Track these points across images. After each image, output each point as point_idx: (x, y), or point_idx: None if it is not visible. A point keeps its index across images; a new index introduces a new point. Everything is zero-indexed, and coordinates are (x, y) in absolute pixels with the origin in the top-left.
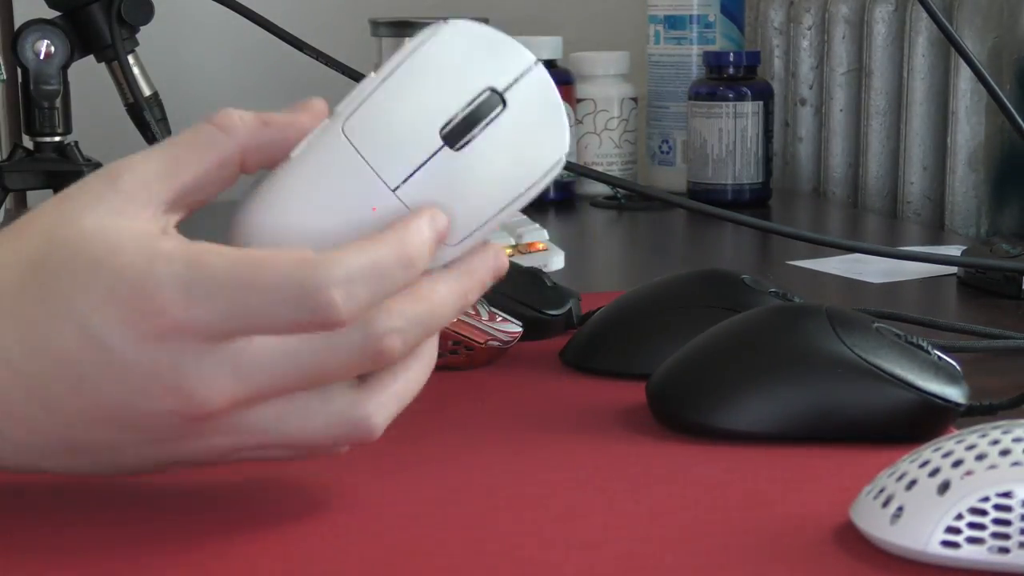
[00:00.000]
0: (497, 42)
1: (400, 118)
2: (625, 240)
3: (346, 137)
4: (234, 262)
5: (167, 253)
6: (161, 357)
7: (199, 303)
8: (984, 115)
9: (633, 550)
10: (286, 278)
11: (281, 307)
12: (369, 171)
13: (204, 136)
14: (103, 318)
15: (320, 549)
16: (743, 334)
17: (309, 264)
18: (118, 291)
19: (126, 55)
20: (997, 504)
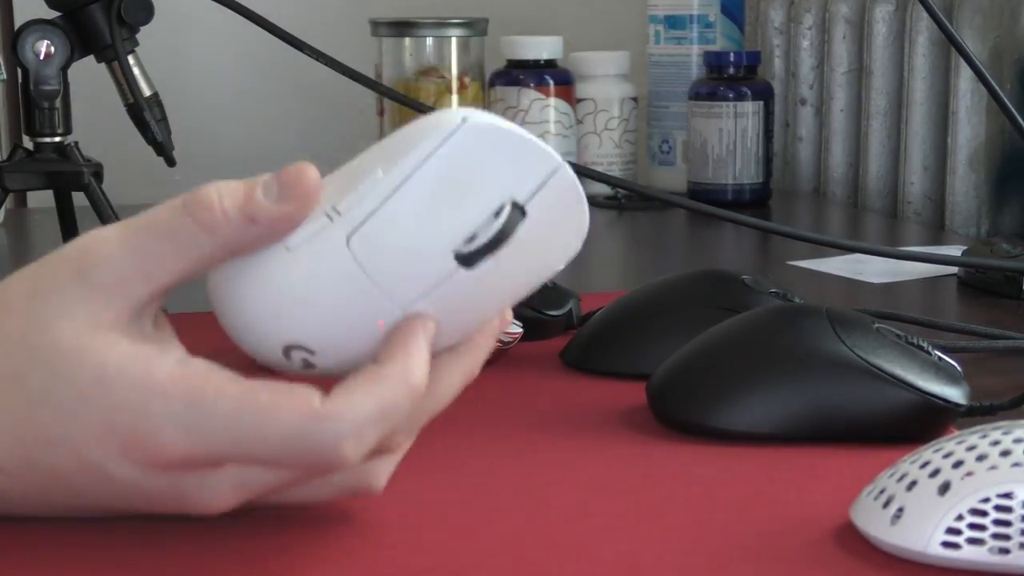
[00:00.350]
0: (519, 143)
1: (410, 239)
2: (625, 240)
3: (352, 253)
4: (238, 408)
5: (163, 390)
6: (163, 482)
7: (201, 443)
8: (985, 115)
9: (633, 550)
10: (293, 435)
11: (290, 459)
12: (377, 291)
13: (187, 237)
14: (101, 449)
15: (320, 549)
16: (743, 334)
17: (316, 420)
18: (115, 428)
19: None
20: (997, 505)
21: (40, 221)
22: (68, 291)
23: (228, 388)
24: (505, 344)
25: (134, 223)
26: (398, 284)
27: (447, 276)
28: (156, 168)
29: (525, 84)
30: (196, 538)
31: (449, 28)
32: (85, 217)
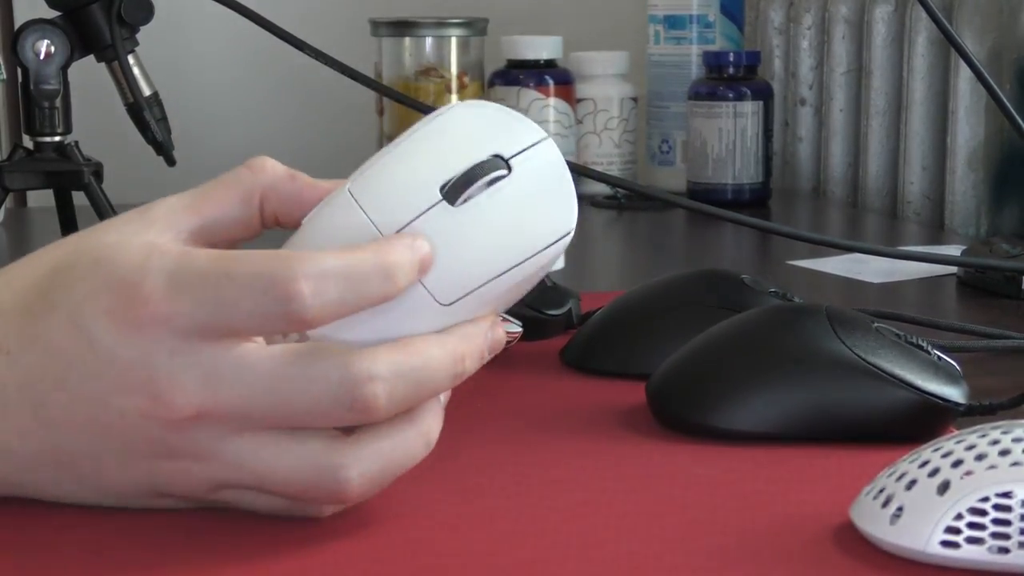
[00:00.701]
0: (509, 117)
1: (402, 176)
2: (625, 240)
3: (351, 195)
4: (217, 256)
5: (163, 249)
6: (136, 350)
7: (180, 293)
8: (984, 115)
9: (633, 550)
10: (258, 268)
11: (253, 297)
12: (367, 222)
13: (232, 175)
14: (92, 307)
15: (320, 549)
16: (743, 334)
17: (282, 257)
18: (111, 282)
19: (126, 55)
20: (997, 504)
21: (40, 221)
22: (129, 218)
23: (218, 250)
24: (505, 344)
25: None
26: (385, 211)
27: (430, 206)
28: (156, 168)
29: (525, 84)
30: (194, 538)
31: (449, 28)
32: (85, 217)
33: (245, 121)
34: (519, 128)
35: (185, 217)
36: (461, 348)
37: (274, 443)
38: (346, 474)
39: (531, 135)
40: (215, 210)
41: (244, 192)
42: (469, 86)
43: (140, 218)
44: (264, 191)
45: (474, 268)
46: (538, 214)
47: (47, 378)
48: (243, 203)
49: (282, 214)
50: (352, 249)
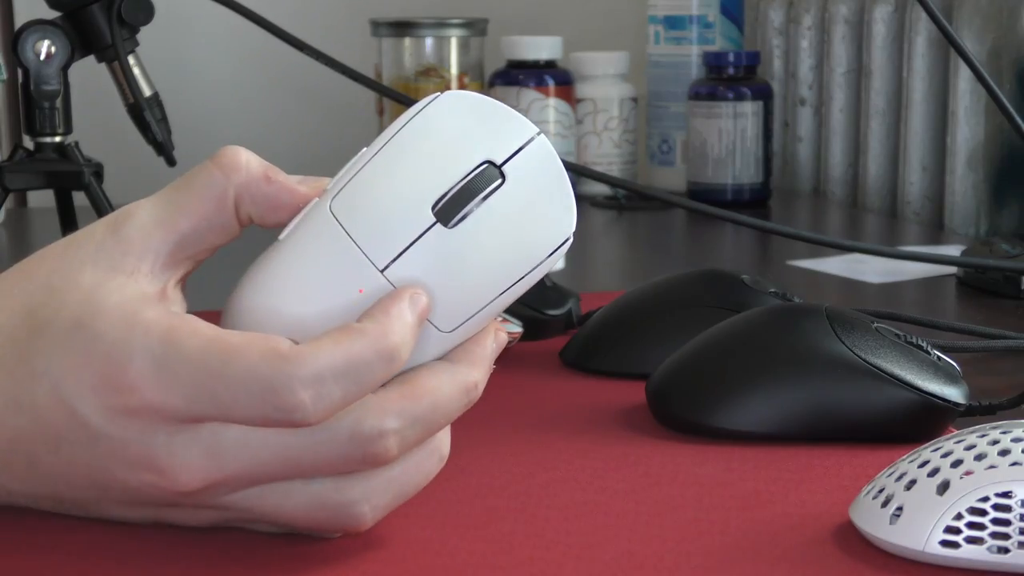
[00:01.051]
0: (496, 113)
1: (389, 194)
2: (625, 240)
3: (333, 215)
4: (206, 346)
5: (146, 324)
6: (131, 432)
7: (168, 384)
8: (983, 115)
9: (633, 550)
10: (253, 373)
11: (247, 401)
12: (356, 251)
13: (201, 178)
14: (75, 383)
15: (318, 549)
16: (743, 334)
17: (279, 359)
18: (92, 357)
19: (126, 55)
20: (996, 504)
21: (40, 221)
22: (98, 241)
23: (203, 330)
24: (505, 344)
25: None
26: (375, 237)
27: (424, 231)
28: (156, 168)
29: (525, 84)
30: (194, 539)
31: (449, 28)
32: (85, 217)
33: (245, 121)
34: (508, 125)
35: (160, 236)
36: (471, 377)
37: (282, 490)
38: (358, 510)
39: (522, 133)
40: (191, 223)
41: (218, 199)
42: (469, 86)
43: (112, 241)
44: (239, 194)
45: (475, 291)
46: (537, 222)
47: (39, 442)
48: (218, 211)
49: (257, 217)
50: (351, 336)
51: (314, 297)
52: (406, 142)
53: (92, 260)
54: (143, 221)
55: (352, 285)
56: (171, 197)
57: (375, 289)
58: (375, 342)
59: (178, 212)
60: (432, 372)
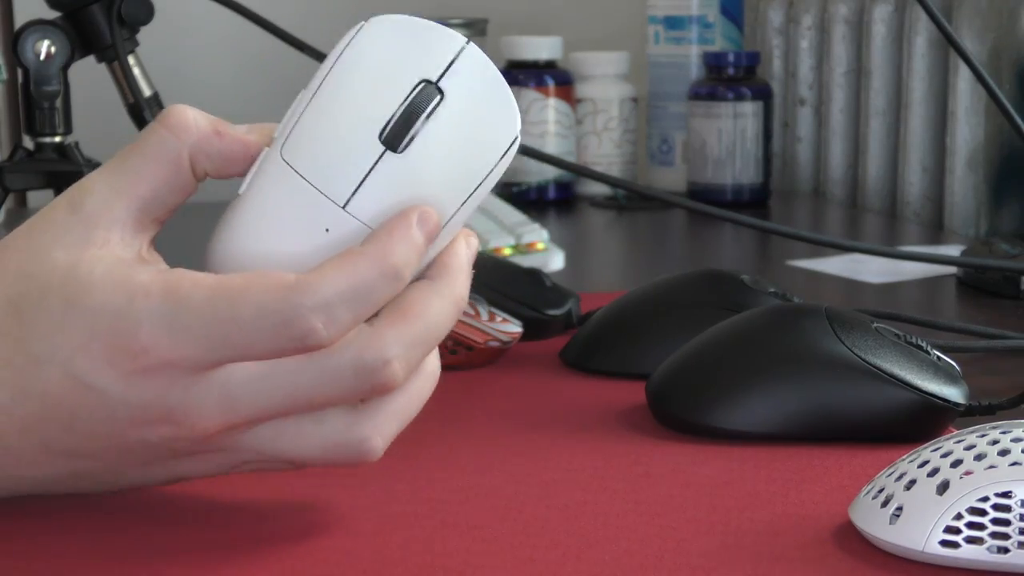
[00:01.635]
0: (422, 30)
1: (335, 131)
2: (625, 240)
3: (285, 162)
4: (212, 294)
5: (144, 287)
6: (148, 392)
7: (181, 338)
8: (983, 115)
9: (633, 550)
10: (264, 308)
11: (262, 337)
12: (315, 192)
13: (154, 142)
14: (86, 359)
15: (320, 549)
16: (743, 334)
17: (286, 291)
18: (98, 331)
19: (126, 55)
20: (996, 504)
21: None
22: (61, 222)
23: (204, 280)
24: (505, 344)
25: (118, 153)
26: (331, 177)
27: (376, 161)
28: None
29: (525, 84)
30: (193, 537)
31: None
32: None
33: (245, 121)
34: (438, 41)
35: (122, 205)
36: (455, 289)
37: (294, 428)
38: (372, 444)
39: (452, 45)
40: (149, 188)
41: (173, 161)
42: None
43: (75, 219)
44: (193, 153)
45: (439, 205)
46: (483, 128)
47: (52, 424)
48: (175, 173)
49: (213, 171)
50: (355, 260)
51: (284, 244)
52: (342, 76)
53: (60, 241)
54: (102, 193)
55: (318, 226)
56: (125, 165)
57: (341, 225)
58: (377, 263)
59: (136, 178)
60: (419, 293)
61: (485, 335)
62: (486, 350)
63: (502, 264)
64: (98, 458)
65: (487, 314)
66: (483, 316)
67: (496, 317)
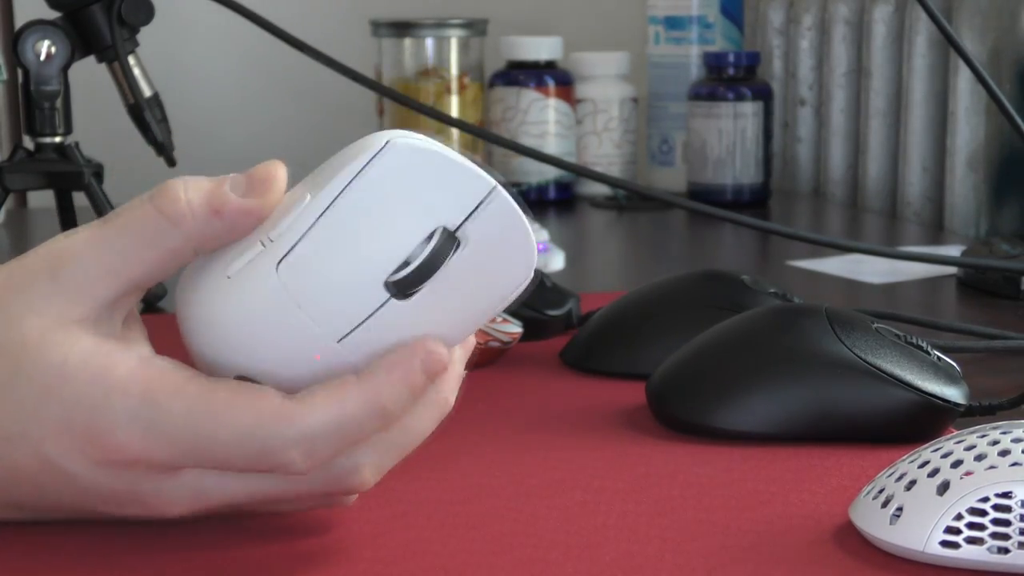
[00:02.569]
0: (448, 166)
1: (339, 268)
2: (625, 240)
3: (281, 281)
4: (191, 408)
5: (122, 385)
6: (120, 481)
7: (157, 443)
8: (984, 116)
9: (633, 550)
10: (244, 434)
11: (238, 458)
12: (308, 321)
13: (152, 230)
14: (58, 447)
15: (320, 548)
16: (743, 334)
17: (269, 420)
18: (72, 423)
19: (126, 56)
20: (996, 504)
21: (40, 221)
22: (38, 289)
23: (186, 387)
24: (505, 344)
25: (104, 221)
26: (328, 313)
27: (379, 306)
28: (156, 168)
29: (525, 85)
30: (192, 539)
31: (449, 28)
32: (85, 217)
33: (245, 122)
34: (463, 182)
35: (108, 285)
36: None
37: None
38: (363, 477)
39: (478, 189)
40: (143, 272)
41: (172, 250)
42: (469, 87)
43: (54, 288)
44: (192, 241)
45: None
46: (495, 275)
47: (20, 490)
48: (172, 259)
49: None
50: (342, 395)
51: (269, 358)
52: (355, 205)
53: (35, 309)
54: (88, 268)
55: (308, 353)
56: (118, 243)
57: (331, 356)
58: (369, 402)
59: (128, 262)
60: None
61: (485, 335)
62: (486, 350)
63: None
64: (64, 513)
65: None
66: None
67: (496, 317)
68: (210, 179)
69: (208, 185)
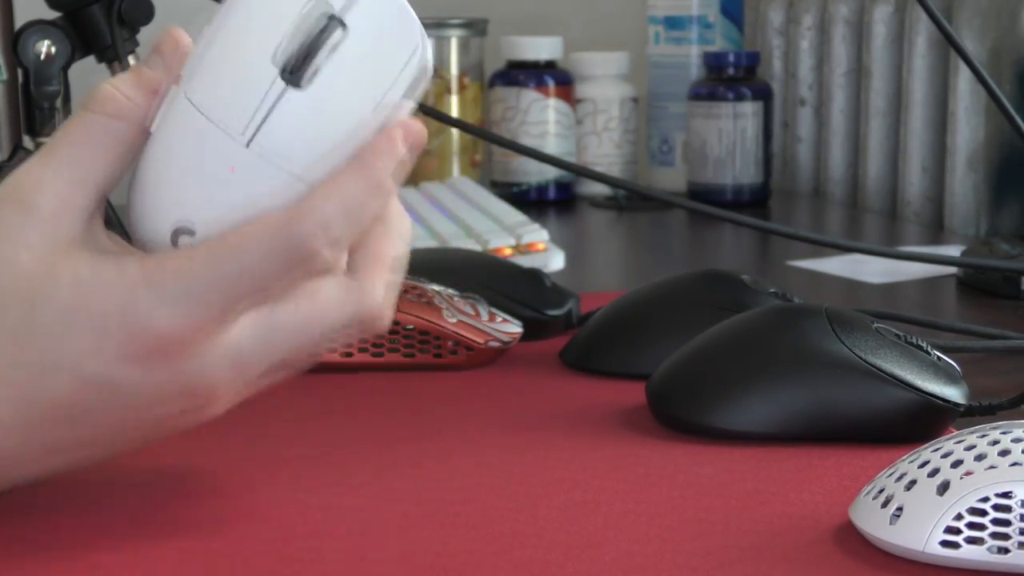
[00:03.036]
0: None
1: (235, 67)
2: (625, 240)
3: (189, 101)
4: (211, 255)
5: (141, 278)
6: (165, 373)
7: (196, 309)
8: (983, 116)
9: (633, 550)
10: (267, 247)
11: (272, 275)
12: (217, 130)
13: (101, 131)
14: (98, 361)
15: (320, 548)
16: (743, 334)
17: (284, 225)
18: (108, 332)
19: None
20: (996, 504)
21: None
22: (16, 224)
23: (195, 251)
24: (505, 344)
25: (51, 145)
26: (232, 113)
27: (277, 95)
28: None
29: (525, 85)
30: (190, 539)
31: (449, 28)
32: None
33: None
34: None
35: (82, 195)
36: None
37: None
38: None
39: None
40: (106, 175)
41: (125, 142)
42: (469, 87)
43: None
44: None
45: (338, 135)
46: (387, 52)
47: (58, 424)
48: (128, 152)
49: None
50: (339, 182)
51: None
52: (240, 12)
53: (24, 245)
54: (57, 189)
55: (223, 166)
56: (74, 157)
57: (245, 164)
58: (364, 179)
59: (91, 169)
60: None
61: (485, 335)
62: (486, 350)
63: (502, 264)
64: (102, 445)
65: (487, 314)
66: (483, 316)
67: (496, 317)
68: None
69: (133, 75)
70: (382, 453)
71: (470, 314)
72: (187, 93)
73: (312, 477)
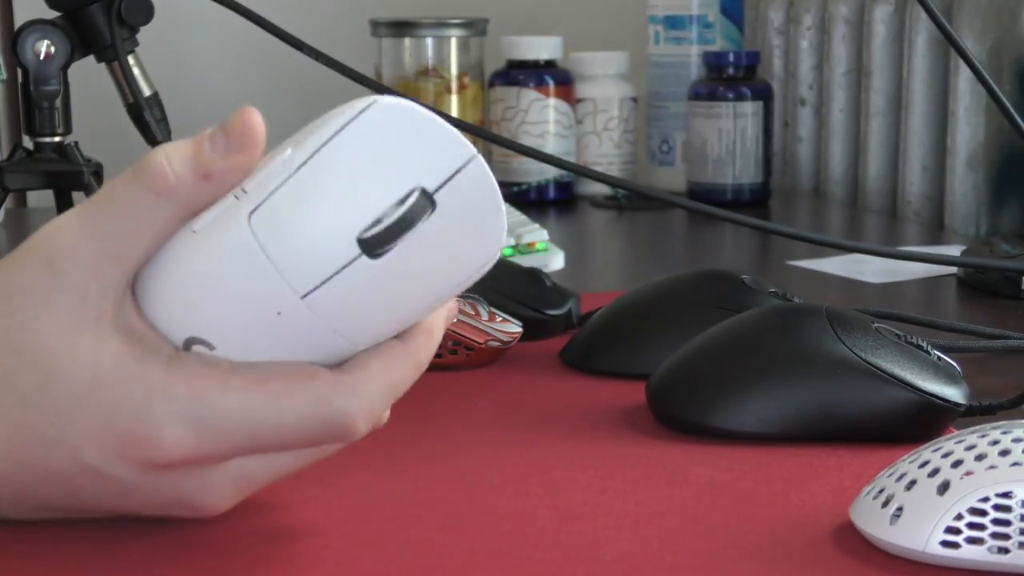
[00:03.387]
0: (431, 129)
1: (313, 221)
2: (625, 240)
3: (252, 230)
4: (247, 398)
5: (163, 389)
6: (164, 482)
7: (211, 440)
8: (984, 115)
9: (633, 550)
10: (308, 413)
11: (300, 438)
12: (275, 274)
13: (144, 208)
14: (98, 453)
15: (320, 548)
16: (743, 334)
17: (332, 394)
18: (113, 429)
19: (126, 55)
20: (997, 504)
21: (40, 221)
22: (43, 285)
23: (232, 380)
24: (505, 344)
25: (91, 205)
26: (297, 265)
27: (348, 262)
28: None
29: (525, 84)
30: (195, 539)
31: (449, 28)
32: None
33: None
34: (443, 146)
35: (114, 270)
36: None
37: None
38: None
39: (457, 154)
40: (143, 252)
41: (165, 222)
42: (469, 87)
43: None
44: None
45: (399, 311)
46: (465, 245)
47: (53, 492)
48: (168, 232)
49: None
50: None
51: (229, 316)
52: (334, 159)
53: (48, 311)
54: (88, 258)
55: (270, 307)
56: (109, 225)
57: (293, 313)
58: (411, 363)
59: (127, 244)
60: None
61: (485, 335)
62: (486, 350)
63: (502, 264)
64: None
65: (487, 314)
66: (483, 316)
67: (496, 317)
68: (189, 142)
69: (189, 150)
70: (381, 453)
71: (470, 314)
72: (251, 221)
73: (311, 476)
